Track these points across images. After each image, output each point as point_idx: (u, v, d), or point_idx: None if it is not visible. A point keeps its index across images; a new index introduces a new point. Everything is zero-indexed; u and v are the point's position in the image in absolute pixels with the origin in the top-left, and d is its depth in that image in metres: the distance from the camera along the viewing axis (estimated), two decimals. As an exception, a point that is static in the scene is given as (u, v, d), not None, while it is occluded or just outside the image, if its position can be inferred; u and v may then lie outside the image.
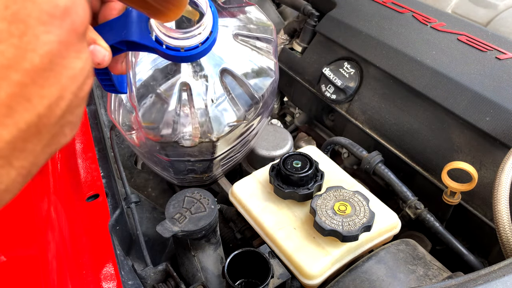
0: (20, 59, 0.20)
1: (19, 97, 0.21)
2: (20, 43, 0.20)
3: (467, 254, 0.76)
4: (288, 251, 0.67)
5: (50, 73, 0.22)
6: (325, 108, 1.12)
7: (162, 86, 0.68)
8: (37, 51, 0.21)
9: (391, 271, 0.64)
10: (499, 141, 0.76)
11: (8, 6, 0.20)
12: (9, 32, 0.20)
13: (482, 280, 0.46)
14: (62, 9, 0.22)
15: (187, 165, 0.78)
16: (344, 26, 1.04)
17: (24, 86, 0.21)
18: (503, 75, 0.82)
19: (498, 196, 0.61)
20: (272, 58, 0.76)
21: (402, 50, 0.93)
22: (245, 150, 0.86)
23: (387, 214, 0.72)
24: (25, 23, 0.20)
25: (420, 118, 0.89)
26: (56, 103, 0.23)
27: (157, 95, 0.68)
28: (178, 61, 0.50)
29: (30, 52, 0.21)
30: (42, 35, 0.21)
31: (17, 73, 0.20)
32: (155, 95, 0.68)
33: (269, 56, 0.75)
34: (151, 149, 0.73)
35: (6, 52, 0.20)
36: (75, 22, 0.23)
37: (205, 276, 0.70)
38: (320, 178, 0.73)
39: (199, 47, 0.42)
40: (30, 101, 0.21)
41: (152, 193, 1.01)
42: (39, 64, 0.21)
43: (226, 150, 0.76)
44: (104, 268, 0.60)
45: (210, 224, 0.67)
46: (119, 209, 0.74)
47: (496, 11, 1.07)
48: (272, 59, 0.75)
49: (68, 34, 0.22)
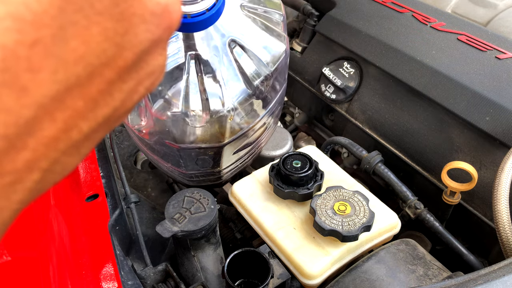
0: (117, 57, 0.20)
1: (105, 93, 0.21)
2: (121, 42, 0.20)
3: (467, 254, 0.76)
4: (288, 251, 0.67)
5: (133, 69, 0.22)
6: (325, 108, 1.12)
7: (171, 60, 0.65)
8: (132, 49, 0.21)
9: (391, 271, 0.64)
10: (499, 141, 0.76)
11: (117, 3, 0.19)
12: (115, 30, 0.20)
13: (482, 280, 0.46)
14: (163, 7, 0.22)
15: (198, 153, 0.75)
16: (344, 26, 1.04)
17: (112, 83, 0.21)
18: (503, 74, 0.82)
19: (498, 196, 0.61)
20: (282, 32, 0.73)
21: (402, 49, 0.93)
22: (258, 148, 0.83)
23: (387, 214, 0.72)
24: (130, 22, 0.20)
25: (420, 118, 0.89)
26: (130, 97, 0.22)
27: None
28: (185, 30, 0.47)
29: (127, 50, 0.20)
30: (141, 34, 0.21)
31: (111, 70, 0.20)
32: None
33: (279, 29, 0.72)
34: (160, 135, 0.70)
35: (108, 51, 0.20)
36: (172, 20, 0.22)
37: (205, 276, 0.70)
38: (320, 178, 0.73)
39: (206, 13, 0.41)
40: (112, 96, 0.21)
41: (151, 193, 1.01)
42: (130, 62, 0.21)
43: (236, 136, 0.73)
44: (104, 268, 0.60)
45: (210, 224, 0.66)
46: (119, 209, 0.74)
47: (496, 10, 1.07)
48: (282, 33, 0.73)
49: (163, 32, 0.22)
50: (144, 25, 0.21)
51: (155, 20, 0.21)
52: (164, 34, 0.22)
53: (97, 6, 0.19)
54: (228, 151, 0.75)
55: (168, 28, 0.22)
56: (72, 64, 0.18)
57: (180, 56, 0.64)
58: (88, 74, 0.19)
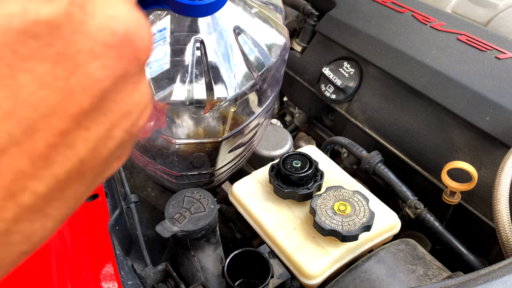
0: (66, 104, 0.17)
1: (59, 146, 0.17)
2: (66, 86, 0.17)
3: (467, 254, 0.76)
4: (287, 251, 0.67)
5: (99, 112, 0.18)
6: (325, 108, 1.12)
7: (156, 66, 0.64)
8: (87, 91, 0.17)
9: (391, 271, 0.64)
10: (499, 140, 0.76)
11: (52, 43, 0.16)
12: (54, 74, 0.16)
13: (482, 280, 0.46)
14: (122, 36, 0.18)
15: (195, 149, 0.73)
16: (344, 26, 1.04)
17: (67, 133, 0.17)
18: (503, 74, 0.82)
19: (498, 196, 0.61)
20: (282, 24, 0.72)
21: (401, 49, 0.93)
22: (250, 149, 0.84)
23: (387, 214, 0.72)
24: (74, 61, 0.17)
25: (420, 117, 0.89)
26: (104, 144, 0.19)
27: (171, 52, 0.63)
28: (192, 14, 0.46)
29: (79, 94, 0.17)
30: (96, 72, 0.17)
31: (60, 120, 0.17)
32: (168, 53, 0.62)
33: (279, 21, 0.72)
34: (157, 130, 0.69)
35: (48, 99, 0.16)
36: (138, 49, 0.19)
37: (204, 276, 0.70)
38: (319, 178, 0.73)
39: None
40: (72, 148, 0.18)
41: (151, 193, 1.01)
42: (89, 106, 0.18)
43: (235, 131, 0.72)
44: (104, 268, 0.60)
45: (210, 224, 0.66)
46: (119, 209, 0.74)
47: (496, 10, 1.07)
48: (283, 26, 0.72)
49: (129, 65, 0.19)
50: (97, 61, 0.17)
51: (113, 53, 0.18)
52: (130, 67, 0.19)
53: (22, 50, 0.16)
54: (224, 148, 0.75)
55: (134, 60, 0.19)
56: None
57: (166, 61, 0.62)
58: (25, 130, 0.16)
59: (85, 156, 0.18)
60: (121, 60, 0.18)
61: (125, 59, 0.18)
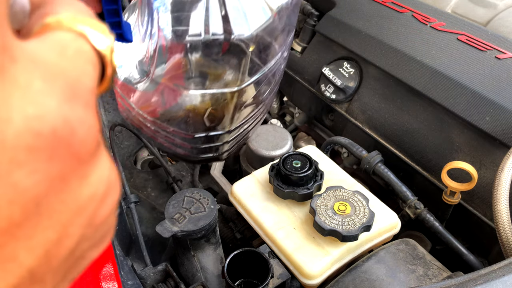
0: None
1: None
2: None
3: (467, 253, 0.76)
4: (287, 251, 0.67)
5: (41, 218, 0.16)
6: (325, 108, 1.12)
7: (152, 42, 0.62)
8: (16, 202, 0.15)
9: (391, 271, 0.64)
10: (499, 140, 0.76)
11: None
12: None
13: (482, 280, 0.46)
14: (49, 136, 0.16)
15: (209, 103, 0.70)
16: (344, 26, 1.04)
17: (1, 248, 0.16)
18: (503, 74, 0.82)
19: (498, 196, 0.61)
20: None
21: (401, 49, 0.93)
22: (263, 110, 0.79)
23: (387, 214, 0.72)
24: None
25: (420, 117, 0.89)
26: (58, 245, 0.18)
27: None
28: None
29: (6, 206, 0.15)
30: (23, 180, 0.15)
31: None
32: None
33: None
34: None
35: None
36: (73, 144, 0.17)
37: (204, 276, 0.70)
38: (319, 178, 0.73)
39: None
40: (14, 260, 0.16)
41: (151, 193, 1.01)
42: (21, 216, 0.16)
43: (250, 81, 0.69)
44: (104, 268, 0.60)
45: (210, 224, 0.66)
46: (119, 209, 0.74)
47: (496, 10, 1.07)
48: None
49: (65, 164, 0.17)
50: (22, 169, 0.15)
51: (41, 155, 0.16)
52: (68, 165, 0.17)
53: None
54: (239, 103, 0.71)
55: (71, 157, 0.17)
56: None
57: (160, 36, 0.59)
58: None
59: (35, 263, 0.17)
60: (53, 160, 0.16)
61: (59, 159, 0.16)
